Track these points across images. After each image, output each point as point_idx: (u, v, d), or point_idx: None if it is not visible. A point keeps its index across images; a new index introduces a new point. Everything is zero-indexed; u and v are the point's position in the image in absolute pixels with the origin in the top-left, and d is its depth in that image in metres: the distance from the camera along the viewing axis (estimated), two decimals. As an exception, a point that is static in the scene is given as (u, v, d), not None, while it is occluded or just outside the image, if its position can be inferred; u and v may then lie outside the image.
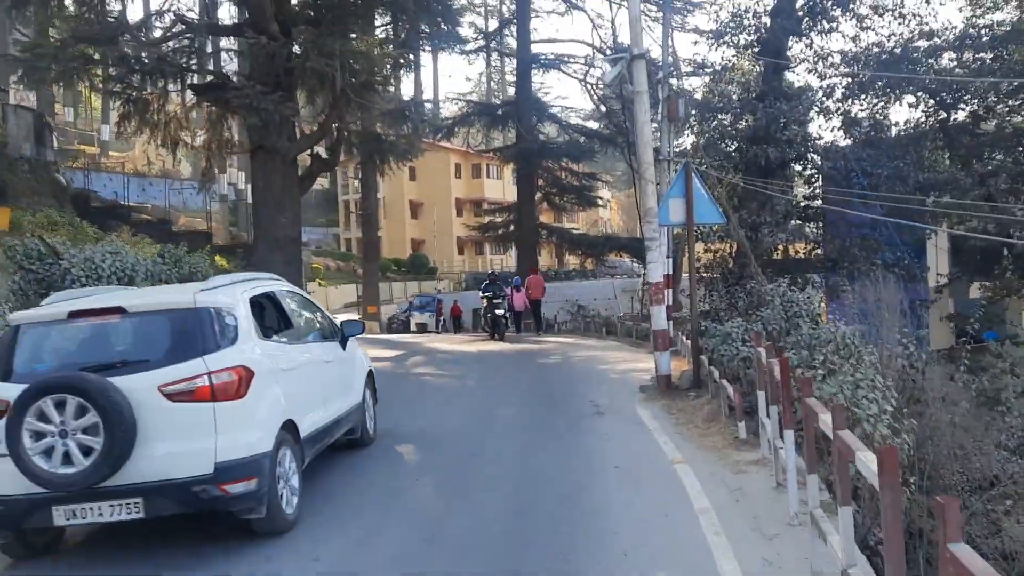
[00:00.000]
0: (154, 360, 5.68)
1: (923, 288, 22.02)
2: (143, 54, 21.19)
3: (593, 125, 35.47)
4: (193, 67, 23.76)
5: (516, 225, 33.81)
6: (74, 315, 5.87)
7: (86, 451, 5.27)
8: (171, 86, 23.50)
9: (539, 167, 32.40)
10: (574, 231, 38.99)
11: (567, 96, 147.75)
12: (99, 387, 5.28)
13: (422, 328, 33.48)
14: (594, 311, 30.41)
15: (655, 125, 16.42)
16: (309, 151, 26.73)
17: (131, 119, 23.46)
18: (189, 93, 24.31)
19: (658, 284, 11.70)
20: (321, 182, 68.07)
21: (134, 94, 22.67)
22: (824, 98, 22.05)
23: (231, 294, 6.32)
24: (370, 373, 9.01)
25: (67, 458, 5.28)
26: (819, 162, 21.90)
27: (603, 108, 32.78)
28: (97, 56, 20.90)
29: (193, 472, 5.44)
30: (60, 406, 5.27)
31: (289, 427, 6.29)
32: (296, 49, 21.01)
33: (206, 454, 5.46)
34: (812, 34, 22.31)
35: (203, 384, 5.54)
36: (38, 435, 5.29)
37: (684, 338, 15.90)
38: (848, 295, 14.28)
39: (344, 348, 8.19)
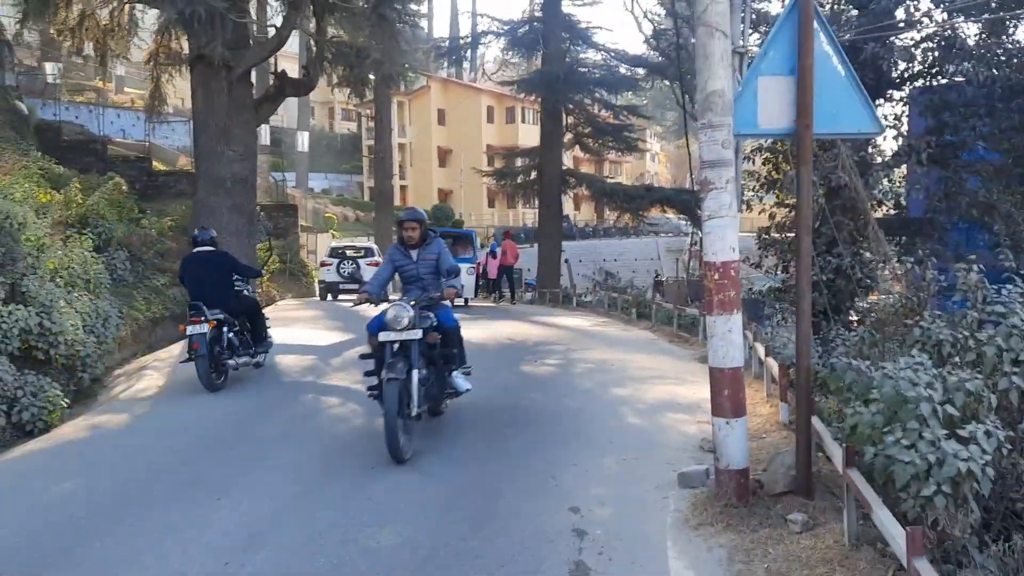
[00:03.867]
0: None
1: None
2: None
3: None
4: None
5: (538, 172, 27.17)
6: None
7: None
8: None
9: (568, 100, 25.54)
10: (608, 180, 31.91)
11: (612, 29, 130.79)
12: None
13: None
14: (624, 283, 23.85)
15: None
16: (272, 69, 20.49)
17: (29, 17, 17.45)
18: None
19: (723, 266, 5.23)
20: (347, 125, 62.01)
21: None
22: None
23: None
24: None
25: None
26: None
27: (648, 32, 25.76)
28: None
29: None
30: None
31: None
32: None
33: None
34: None
35: None
36: None
37: (754, 342, 9.42)
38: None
39: None
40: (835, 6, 14.67)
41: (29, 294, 9.32)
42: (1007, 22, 14.13)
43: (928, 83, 16.13)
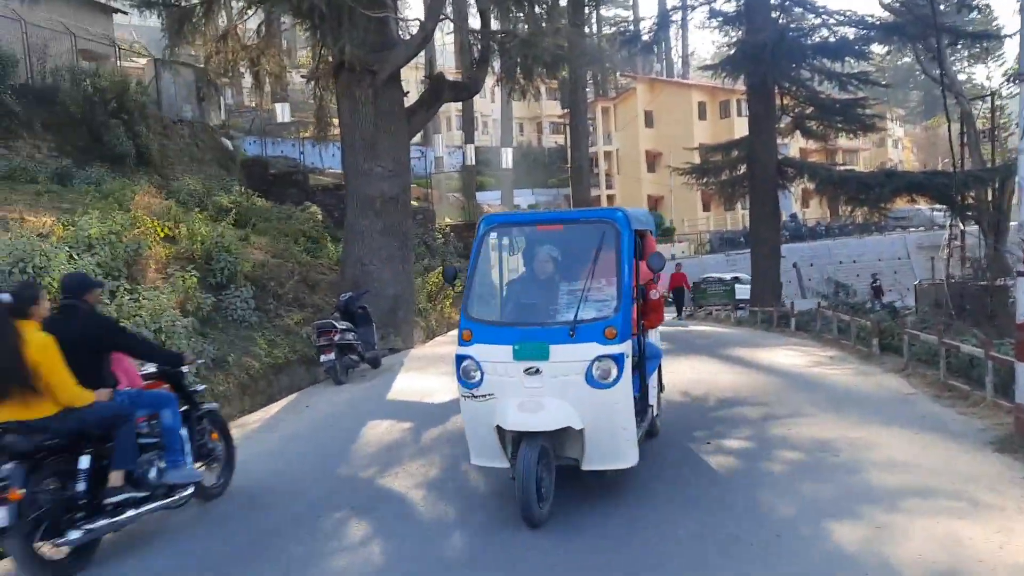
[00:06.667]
0: None
1: None
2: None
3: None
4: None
5: (747, 164, 22.33)
6: None
7: None
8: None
9: (780, 75, 20.54)
10: (837, 168, 25.93)
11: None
12: None
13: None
14: (860, 300, 18.66)
15: None
16: (427, 72, 17.91)
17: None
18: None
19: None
20: (555, 139, 59.50)
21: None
22: None
23: None
24: None
25: None
26: None
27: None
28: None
29: None
30: None
31: None
32: None
33: None
34: None
35: None
36: None
37: None
38: None
39: None
40: None
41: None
42: None
43: None
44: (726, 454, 6.59)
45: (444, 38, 41.40)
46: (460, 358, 5.34)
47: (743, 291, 24.52)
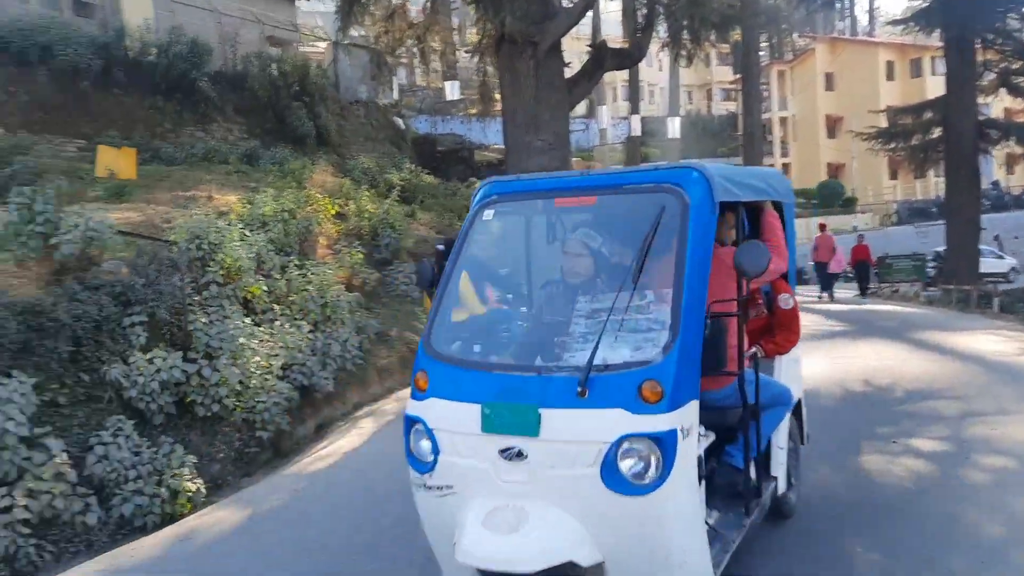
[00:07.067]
0: None
1: None
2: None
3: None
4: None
5: (943, 127, 20.01)
6: None
7: None
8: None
9: (981, 26, 18.12)
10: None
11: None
12: None
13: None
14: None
15: None
16: (590, 42, 17.32)
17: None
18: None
19: None
20: (726, 106, 56.65)
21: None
22: None
23: None
24: None
25: None
26: None
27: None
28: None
29: None
30: None
31: None
32: None
33: None
34: None
35: None
36: None
37: None
38: None
39: None
40: None
41: (195, 333, 7.40)
42: None
43: None
44: (915, 456, 5.81)
45: (607, 4, 40.41)
46: (409, 421, 3.47)
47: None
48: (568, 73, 16.31)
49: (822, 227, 20.36)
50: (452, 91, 33.08)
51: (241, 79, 18.73)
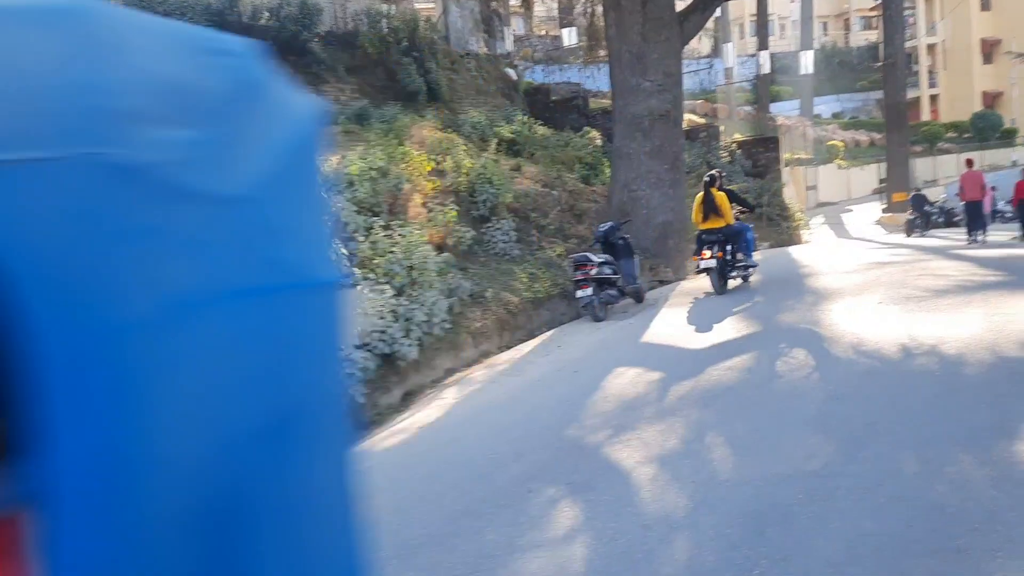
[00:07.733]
0: None
1: None
2: None
3: None
4: None
5: None
6: None
7: None
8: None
9: None
10: None
11: None
12: None
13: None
14: None
15: None
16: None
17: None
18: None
19: None
20: (865, 36, 51.86)
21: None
22: None
23: None
24: None
25: None
26: None
27: None
28: None
29: None
30: None
31: None
32: None
33: None
34: None
35: None
36: None
37: None
38: None
39: None
40: None
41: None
42: None
43: None
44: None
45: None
46: None
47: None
48: (680, 6, 15.03)
49: (969, 163, 19.03)
50: (569, 37, 31.76)
51: (352, 38, 18.52)
